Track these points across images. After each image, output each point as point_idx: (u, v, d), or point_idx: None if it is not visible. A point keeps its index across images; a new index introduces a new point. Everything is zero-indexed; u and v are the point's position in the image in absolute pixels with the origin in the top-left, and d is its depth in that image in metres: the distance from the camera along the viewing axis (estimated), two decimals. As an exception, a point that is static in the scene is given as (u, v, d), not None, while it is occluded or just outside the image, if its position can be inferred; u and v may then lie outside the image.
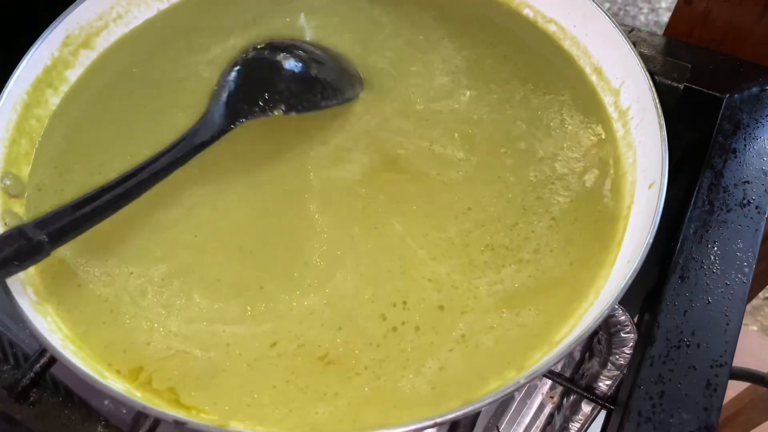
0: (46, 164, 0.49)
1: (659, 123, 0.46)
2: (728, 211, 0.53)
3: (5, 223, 0.44)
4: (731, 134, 0.58)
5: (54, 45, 0.52)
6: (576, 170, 0.49)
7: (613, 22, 0.52)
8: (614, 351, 0.55)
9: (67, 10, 0.53)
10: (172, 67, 0.55)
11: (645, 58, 0.60)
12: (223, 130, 0.47)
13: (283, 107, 0.48)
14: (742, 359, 0.54)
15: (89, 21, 0.55)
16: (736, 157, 0.56)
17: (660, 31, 0.66)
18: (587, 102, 0.52)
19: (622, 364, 0.55)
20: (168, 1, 0.59)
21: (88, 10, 0.54)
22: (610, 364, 0.56)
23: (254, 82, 0.50)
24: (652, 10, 2.17)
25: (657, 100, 0.47)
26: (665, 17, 2.10)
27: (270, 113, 0.48)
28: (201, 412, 0.39)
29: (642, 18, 2.14)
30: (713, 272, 0.50)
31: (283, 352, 0.41)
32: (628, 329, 0.54)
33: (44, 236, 0.39)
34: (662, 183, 0.44)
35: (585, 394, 0.54)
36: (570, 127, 0.51)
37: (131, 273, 0.44)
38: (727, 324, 0.48)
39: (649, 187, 0.45)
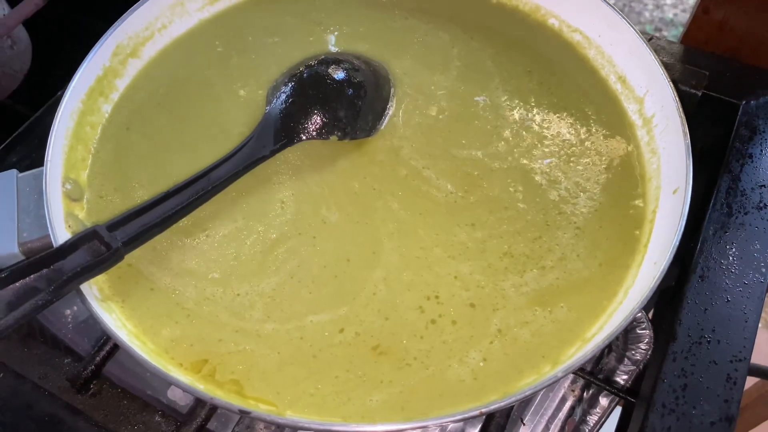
0: (101, 171, 0.52)
1: (683, 131, 0.49)
2: (746, 213, 0.56)
3: (68, 226, 0.47)
4: (748, 140, 0.60)
5: (106, 55, 0.55)
6: (600, 180, 0.51)
7: (637, 32, 0.54)
8: (630, 347, 0.58)
9: (118, 21, 0.56)
10: (215, 76, 0.58)
11: (664, 66, 0.63)
12: (283, 146, 0.50)
13: (339, 134, 0.51)
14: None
15: (137, 31, 0.57)
16: (752, 161, 0.59)
17: (665, 28, 0.69)
18: (611, 110, 0.55)
19: (638, 360, 0.57)
20: (208, 10, 0.62)
21: (136, 20, 0.57)
22: (626, 359, 0.58)
23: (311, 101, 0.52)
24: (657, 6, 2.19)
25: (681, 109, 0.50)
26: (670, 14, 2.11)
27: (326, 137, 0.51)
28: (264, 402, 0.42)
29: (647, 14, 2.16)
30: (732, 272, 0.53)
31: (344, 341, 0.44)
32: (643, 326, 0.57)
33: (120, 243, 0.42)
34: (687, 188, 0.47)
35: (606, 387, 0.57)
36: (594, 137, 0.54)
37: (211, 277, 0.47)
38: (746, 321, 0.51)
39: (674, 192, 0.48)
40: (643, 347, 0.58)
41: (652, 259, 0.46)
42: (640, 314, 0.57)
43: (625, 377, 0.58)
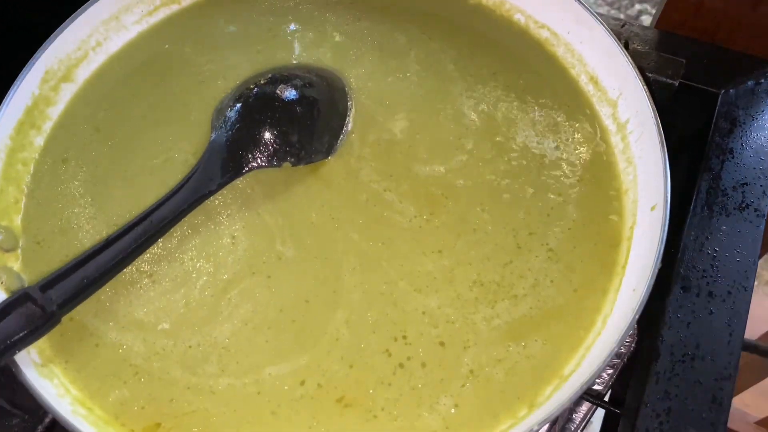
0: (36, 214, 0.48)
1: (660, 140, 0.46)
2: (727, 215, 0.53)
3: (1, 282, 0.44)
4: (728, 133, 0.57)
5: (34, 82, 0.50)
6: (573, 194, 0.48)
7: (606, 29, 0.51)
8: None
9: (45, 43, 0.51)
10: (157, 95, 0.53)
11: (639, 55, 0.59)
12: (230, 178, 0.46)
13: (292, 160, 0.47)
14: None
15: (68, 52, 0.53)
16: (733, 157, 0.56)
17: (641, 13, 0.65)
18: (583, 115, 0.51)
19: (615, 362, 0.55)
20: (147, 21, 0.57)
21: (66, 41, 0.52)
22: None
23: (260, 126, 0.48)
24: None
25: (657, 117, 0.46)
26: None
27: (278, 165, 0.47)
28: (220, 468, 0.39)
29: (638, 6, 2.01)
30: (715, 282, 0.50)
31: (306, 394, 0.41)
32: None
33: (55, 306, 0.39)
34: (666, 205, 0.44)
35: (588, 398, 0.55)
36: (565, 145, 0.50)
37: (160, 328, 0.44)
38: (730, 334, 0.48)
39: (652, 209, 0.45)
40: (621, 349, 0.56)
41: (630, 285, 0.43)
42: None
43: (600, 387, 0.56)
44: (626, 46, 0.59)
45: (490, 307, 0.44)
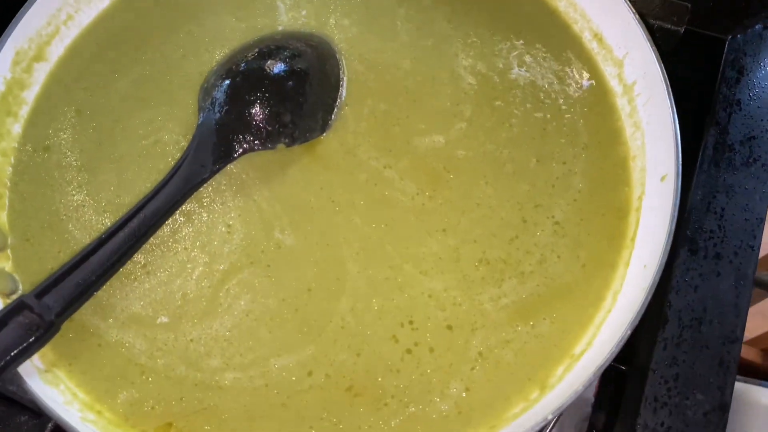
0: (22, 208, 0.46)
1: (670, 105, 0.44)
2: (734, 172, 0.52)
3: (-6, 285, 0.42)
4: (735, 83, 0.55)
5: (5, 66, 0.47)
6: (578, 162, 0.46)
7: (612, -16, 0.48)
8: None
9: (12, 23, 0.47)
10: (138, 70, 0.50)
11: (643, 2, 0.56)
12: (223, 164, 0.45)
13: (286, 141, 0.45)
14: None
15: (37, 29, 0.49)
16: (740, 109, 0.54)
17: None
18: (587, 74, 0.49)
19: None
20: (119, -13, 0.53)
21: (34, 17, 0.48)
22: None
23: (250, 107, 0.45)
24: None
25: (667, 80, 0.44)
26: None
27: (272, 147, 0.45)
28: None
29: None
30: (722, 242, 0.50)
31: (315, 385, 0.41)
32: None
33: (53, 315, 0.38)
34: (677, 176, 0.42)
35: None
36: (569, 109, 0.48)
37: (159, 322, 0.43)
38: (737, 297, 0.48)
39: (662, 179, 0.43)
40: None
41: (641, 259, 0.42)
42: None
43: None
44: (629, -9, 0.56)
45: (497, 287, 0.43)
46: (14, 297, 0.43)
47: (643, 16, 0.55)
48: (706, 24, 0.57)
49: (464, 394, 0.41)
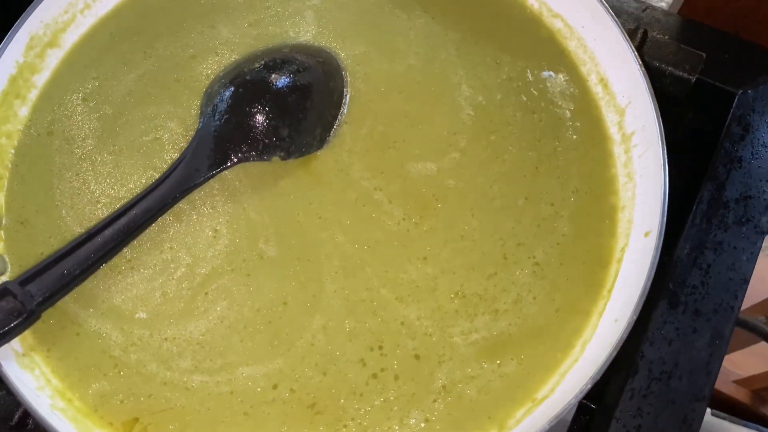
0: (20, 190, 0.47)
1: (662, 163, 0.44)
2: (725, 230, 0.52)
3: (-20, 264, 0.44)
4: (739, 139, 0.55)
5: (18, 50, 0.48)
6: (567, 205, 0.47)
7: (621, 30, 0.48)
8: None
9: (29, 8, 0.48)
10: (149, 64, 0.51)
11: (657, 44, 0.56)
12: (217, 171, 0.45)
13: (282, 154, 0.46)
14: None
15: (54, 16, 0.50)
16: (741, 167, 0.54)
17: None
18: (588, 118, 0.49)
19: None
20: (140, -20, 0.54)
21: (52, 4, 0.50)
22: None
23: (250, 117, 0.46)
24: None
25: (663, 138, 0.44)
26: None
27: (267, 159, 0.46)
28: (194, 467, 0.41)
29: None
30: (703, 299, 0.50)
31: (278, 398, 0.42)
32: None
33: (35, 303, 0.39)
34: (659, 235, 0.42)
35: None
36: (565, 150, 0.48)
37: (137, 317, 0.44)
38: (711, 355, 0.48)
39: (645, 235, 0.44)
40: None
41: (614, 313, 0.43)
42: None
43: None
44: (645, 36, 0.56)
45: (470, 321, 0.44)
46: (2, 278, 0.44)
47: (656, 61, 0.55)
48: (718, 76, 0.57)
49: (423, 425, 0.42)
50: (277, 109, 0.47)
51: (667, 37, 0.58)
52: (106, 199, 0.47)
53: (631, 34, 0.56)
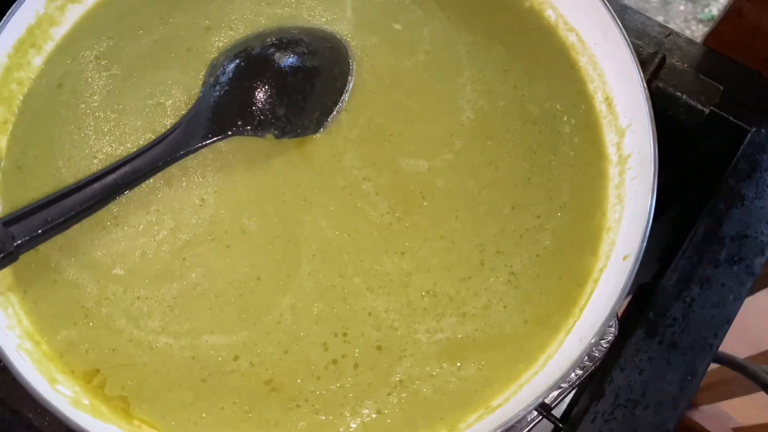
0: (23, 135, 0.49)
1: (651, 189, 0.43)
2: (716, 266, 0.51)
3: (-26, 202, 0.45)
4: (745, 177, 0.54)
5: (40, 1, 0.50)
6: (552, 220, 0.46)
7: (631, 51, 0.47)
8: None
9: (54, -37, 0.50)
10: (164, 30, 0.52)
11: (675, 72, 0.56)
12: (211, 141, 0.46)
13: (276, 132, 0.46)
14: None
15: (80, -27, 0.51)
16: (742, 204, 0.53)
17: (694, 25, 0.60)
18: (588, 135, 0.49)
19: (596, 356, 0.52)
20: (168, -53, 0.55)
21: (78, -39, 0.51)
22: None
23: (250, 91, 0.47)
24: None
25: (656, 162, 0.44)
26: (705, 10, 1.67)
27: (261, 135, 0.46)
28: (148, 425, 0.41)
29: (680, 7, 1.72)
30: (682, 333, 0.49)
31: (237, 369, 0.43)
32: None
33: (14, 246, 0.40)
34: (636, 260, 0.42)
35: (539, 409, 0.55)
36: (559, 165, 0.48)
37: (114, 273, 0.45)
38: (681, 390, 0.47)
39: (624, 258, 0.43)
40: (604, 345, 0.55)
41: (580, 332, 0.42)
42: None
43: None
44: (663, 60, 0.55)
45: (436, 321, 0.44)
46: (-9, 216, 0.45)
47: (672, 88, 0.54)
48: (733, 110, 0.56)
49: (374, 416, 0.42)
50: (276, 88, 0.47)
51: (686, 65, 0.57)
52: (102, 155, 0.48)
53: (650, 58, 0.55)
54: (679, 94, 0.55)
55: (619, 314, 0.54)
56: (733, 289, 0.50)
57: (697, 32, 1.59)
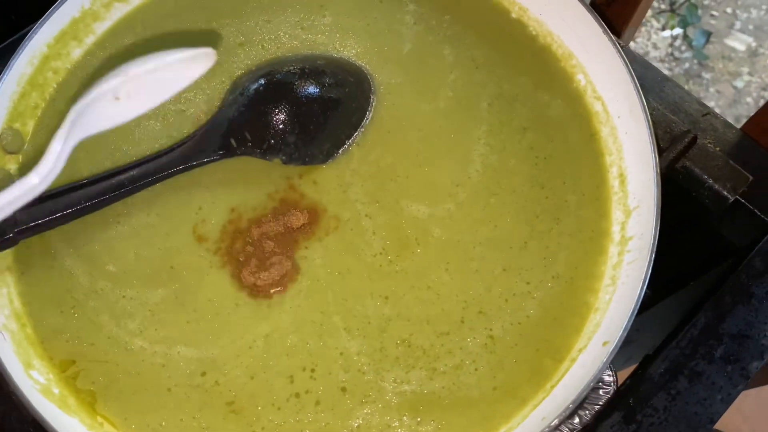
0: (50, 123, 0.51)
1: (643, 278, 0.42)
2: (710, 362, 0.49)
3: (-5, 181, 0.47)
4: (758, 276, 0.51)
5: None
6: (540, 291, 0.46)
7: (650, 133, 0.46)
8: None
9: (107, -39, 0.52)
10: (202, 41, 0.54)
11: (704, 154, 0.54)
12: (220, 157, 0.47)
13: (283, 158, 0.47)
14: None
15: (130, -26, 0.53)
16: (749, 303, 0.51)
17: (735, 104, 0.57)
18: (595, 210, 0.48)
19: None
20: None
21: (129, -37, 0.53)
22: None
23: (266, 116, 0.48)
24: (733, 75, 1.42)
25: (653, 251, 0.43)
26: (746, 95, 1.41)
27: (269, 159, 0.47)
28: (110, 424, 0.43)
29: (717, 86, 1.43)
30: (661, 425, 0.47)
31: (202, 385, 0.44)
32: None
33: (16, 229, 0.42)
34: (613, 349, 0.41)
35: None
36: (558, 236, 0.47)
37: (107, 269, 0.46)
38: (648, 487, 0.46)
39: (603, 344, 0.42)
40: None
41: (545, 410, 0.42)
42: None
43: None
44: (694, 140, 0.54)
45: (405, 372, 0.44)
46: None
47: (699, 169, 0.52)
48: (759, 203, 0.54)
49: (325, 458, 0.42)
50: (291, 115, 0.48)
51: (718, 148, 0.55)
52: (119, 153, 0.50)
53: (681, 136, 0.53)
54: (705, 177, 0.53)
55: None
56: (722, 389, 0.48)
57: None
